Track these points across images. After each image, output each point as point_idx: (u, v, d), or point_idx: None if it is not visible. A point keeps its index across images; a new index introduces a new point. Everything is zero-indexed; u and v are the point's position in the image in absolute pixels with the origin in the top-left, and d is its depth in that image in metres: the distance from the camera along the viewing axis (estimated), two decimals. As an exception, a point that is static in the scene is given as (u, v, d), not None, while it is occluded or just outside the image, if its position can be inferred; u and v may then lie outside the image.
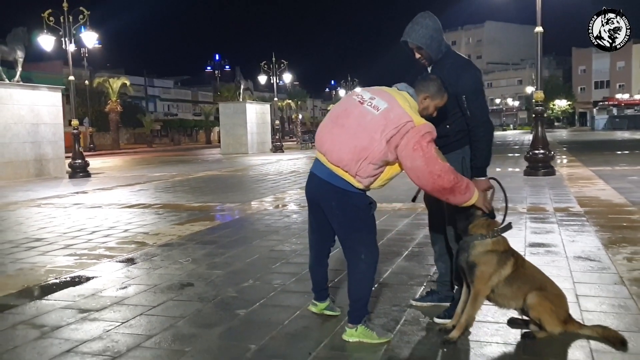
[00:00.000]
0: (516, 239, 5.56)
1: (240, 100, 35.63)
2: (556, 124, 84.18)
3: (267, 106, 36.53)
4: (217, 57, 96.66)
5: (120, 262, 5.34)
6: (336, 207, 3.08)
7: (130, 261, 5.36)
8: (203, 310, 3.81)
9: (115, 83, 48.67)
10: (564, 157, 18.72)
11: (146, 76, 72.24)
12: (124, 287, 4.42)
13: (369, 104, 3.00)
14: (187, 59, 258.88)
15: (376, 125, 2.91)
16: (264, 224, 7.39)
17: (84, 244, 6.27)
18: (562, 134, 52.63)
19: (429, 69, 3.54)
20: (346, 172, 2.98)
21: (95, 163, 22.98)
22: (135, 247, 5.99)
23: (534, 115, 13.37)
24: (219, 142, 36.84)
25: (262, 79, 38.03)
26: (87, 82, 45.63)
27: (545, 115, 13.29)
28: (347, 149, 2.94)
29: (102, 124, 50.39)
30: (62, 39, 17.72)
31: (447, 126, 3.45)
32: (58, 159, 17.99)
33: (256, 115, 33.96)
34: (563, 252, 5.09)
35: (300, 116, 74.36)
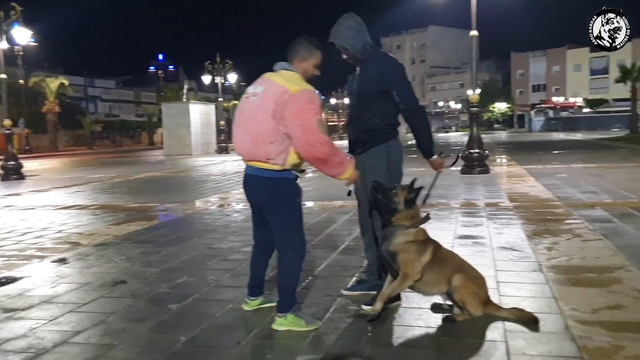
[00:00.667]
0: (446, 232, 5.81)
1: (184, 100, 35.12)
2: (496, 126, 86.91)
3: (212, 107, 36.10)
4: (160, 57, 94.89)
5: (51, 262, 5.23)
6: (265, 196, 3.23)
7: (62, 261, 5.26)
8: (135, 306, 3.80)
9: (53, 83, 46.94)
10: (500, 156, 19.40)
11: (86, 76, 70.28)
12: (54, 286, 4.34)
13: (252, 94, 3.24)
14: (129, 59, 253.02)
15: (258, 109, 3.14)
16: (203, 223, 7.38)
17: (13, 245, 6.08)
18: (502, 135, 54.39)
19: (357, 69, 3.70)
20: (260, 161, 3.17)
21: (30, 165, 22.18)
22: (68, 247, 5.87)
23: (469, 116, 13.83)
24: (162, 143, 36.19)
25: (207, 79, 37.55)
26: (22, 81, 43.87)
27: (482, 116, 13.80)
28: (248, 141, 3.17)
29: (39, 125, 48.51)
30: (-7, 36, 17.01)
31: (376, 120, 3.62)
32: (-11, 160, 17.25)
33: (200, 115, 33.51)
34: (489, 243, 5.33)
35: (246, 117, 73.74)
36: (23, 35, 18.64)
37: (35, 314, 3.67)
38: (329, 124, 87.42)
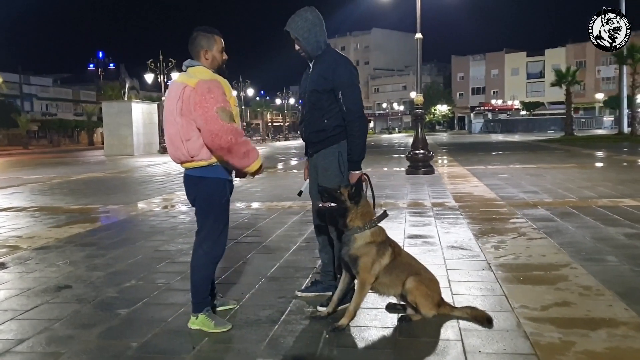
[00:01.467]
0: (396, 232, 5.87)
1: (125, 99, 34.18)
2: (437, 127, 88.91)
3: (155, 106, 35.27)
4: (100, 54, 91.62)
5: (-12, 267, 4.96)
6: (193, 194, 3.31)
7: (0, 266, 4.99)
8: (81, 312, 3.65)
9: (-16, 79, 44.80)
10: (443, 157, 19.84)
11: (21, 73, 67.18)
12: (-8, 293, 4.12)
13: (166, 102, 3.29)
14: (68, 56, 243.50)
15: (168, 111, 3.21)
16: (148, 224, 7.18)
17: (-55, 249, 5.74)
18: (443, 137, 55.62)
19: (310, 65, 3.65)
20: (188, 161, 3.20)
21: (-40, 165, 21.06)
22: (6, 252, 5.59)
23: (414, 118, 14.05)
24: (103, 143, 35.12)
25: (149, 77, 36.65)
26: (-50, 77, 41.60)
27: (426, 118, 14.08)
28: (170, 144, 3.24)
29: (-31, 124, 46.19)
30: None
31: (325, 121, 3.57)
32: None
33: (142, 115, 32.72)
34: (438, 242, 5.43)
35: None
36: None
37: (-28, 323, 3.46)
38: (274, 124, 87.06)
